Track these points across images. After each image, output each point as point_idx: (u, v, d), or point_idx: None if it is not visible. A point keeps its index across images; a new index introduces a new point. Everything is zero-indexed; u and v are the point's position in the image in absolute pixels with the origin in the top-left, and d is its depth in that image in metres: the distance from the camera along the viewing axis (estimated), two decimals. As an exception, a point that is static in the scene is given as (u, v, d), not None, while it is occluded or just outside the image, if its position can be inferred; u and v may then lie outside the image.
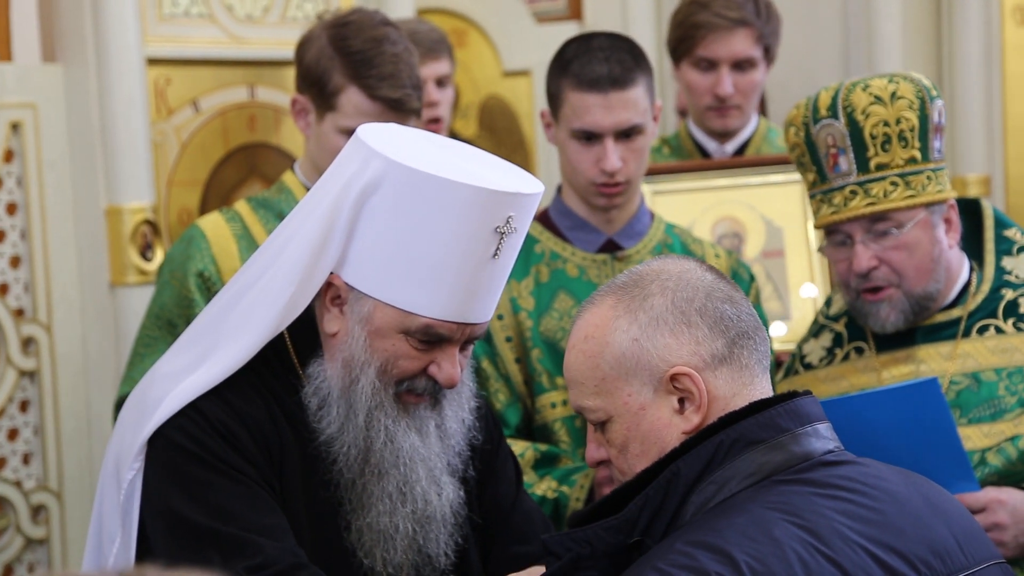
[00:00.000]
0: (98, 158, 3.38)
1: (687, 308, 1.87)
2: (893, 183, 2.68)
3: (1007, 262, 2.81)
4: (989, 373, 2.71)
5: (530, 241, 2.96)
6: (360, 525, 2.13)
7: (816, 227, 2.80)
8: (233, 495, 2.05)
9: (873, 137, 2.68)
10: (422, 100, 3.01)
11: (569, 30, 4.80)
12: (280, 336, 2.15)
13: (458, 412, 2.19)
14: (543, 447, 2.86)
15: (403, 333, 2.08)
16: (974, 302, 2.77)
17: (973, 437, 2.67)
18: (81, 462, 3.42)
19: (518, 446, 2.83)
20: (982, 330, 2.74)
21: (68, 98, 3.38)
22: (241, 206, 3.11)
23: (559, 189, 3.02)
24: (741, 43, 3.61)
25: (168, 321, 2.98)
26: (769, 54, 3.69)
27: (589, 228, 2.95)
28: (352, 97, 2.93)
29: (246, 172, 3.67)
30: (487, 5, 4.98)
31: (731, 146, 3.74)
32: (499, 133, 5.00)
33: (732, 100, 3.65)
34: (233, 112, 3.65)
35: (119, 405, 2.72)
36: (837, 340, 2.90)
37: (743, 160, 3.67)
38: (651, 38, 4.91)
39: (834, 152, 2.71)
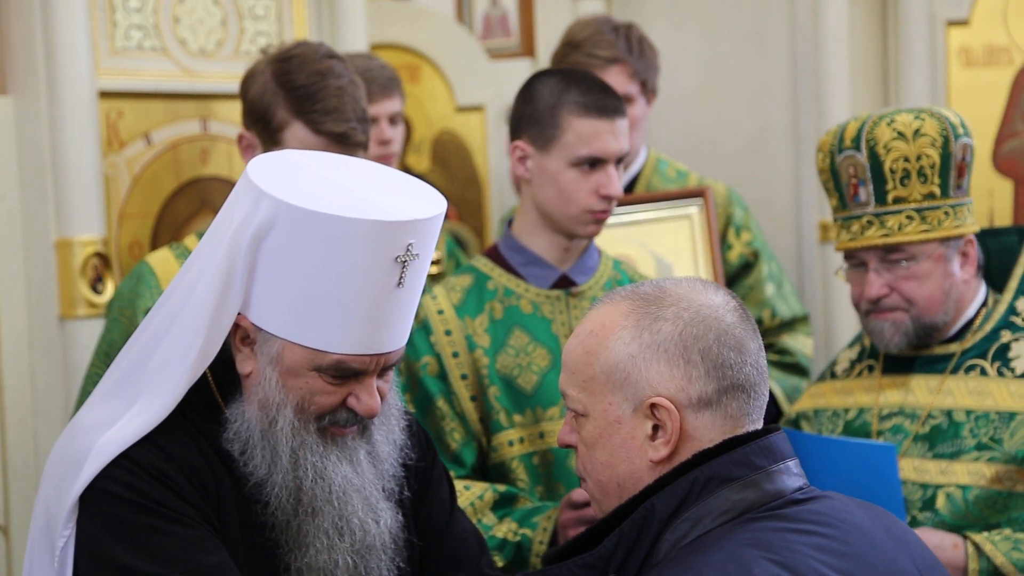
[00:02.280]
0: (49, 190, 3.35)
1: (692, 345, 1.86)
2: (909, 217, 2.74)
3: (1021, 303, 2.85)
4: (960, 413, 2.76)
5: (482, 278, 2.96)
6: (299, 566, 2.10)
7: (836, 250, 2.88)
8: (175, 538, 2.00)
9: (892, 172, 2.73)
10: (368, 133, 2.97)
11: (522, 67, 4.83)
12: (203, 376, 2.11)
13: (388, 435, 2.16)
14: (502, 488, 2.84)
15: (315, 370, 2.04)
16: (972, 339, 2.82)
17: (931, 471, 2.72)
18: (28, 497, 3.38)
19: (477, 488, 2.81)
20: (969, 369, 2.79)
21: (19, 130, 3.35)
22: (191, 241, 3.09)
23: (509, 224, 3.01)
24: (615, 80, 3.63)
25: None
26: (647, 88, 3.72)
27: (543, 264, 2.94)
28: (297, 132, 2.91)
29: (198, 205, 3.65)
30: (441, 41, 5.00)
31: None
32: (452, 168, 5.01)
33: None
34: (185, 145, 3.63)
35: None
36: (860, 354, 2.99)
37: (638, 197, 3.68)
38: (603, 75, 4.94)
39: (855, 182, 2.78)
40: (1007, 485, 2.66)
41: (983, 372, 2.78)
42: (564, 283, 2.96)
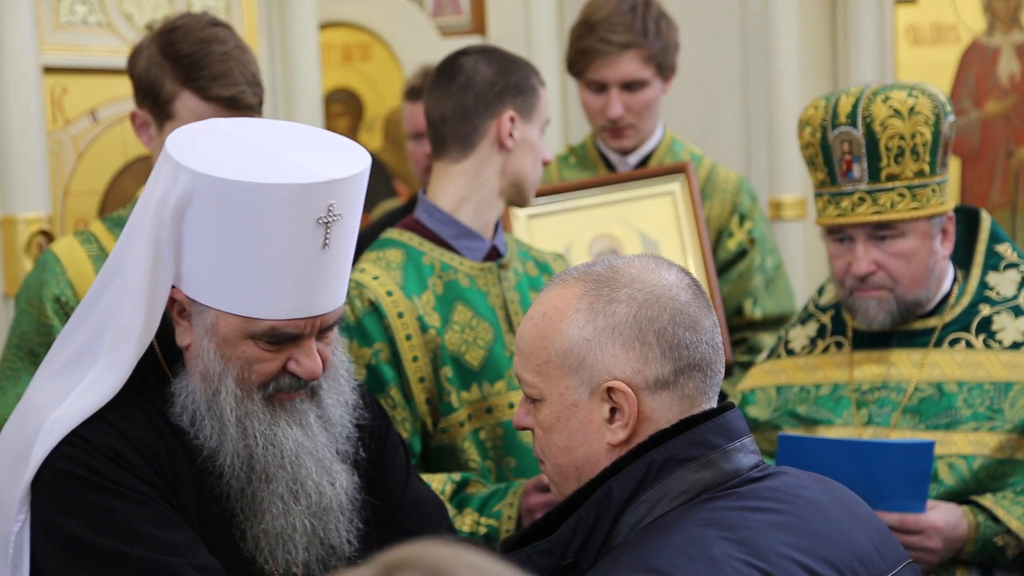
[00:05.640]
0: (-8, 167, 3.32)
1: (647, 327, 1.84)
2: (900, 194, 2.78)
3: (991, 277, 2.91)
4: (952, 385, 2.82)
5: (414, 253, 2.89)
6: (256, 532, 2.10)
7: (818, 223, 2.89)
8: (135, 515, 1.99)
9: (888, 149, 2.77)
10: (260, 96, 2.92)
11: (472, 43, 4.81)
12: (151, 348, 2.11)
13: (339, 396, 2.17)
14: (456, 477, 2.81)
15: (250, 338, 2.04)
16: (951, 314, 2.88)
17: None
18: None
19: (436, 482, 2.76)
20: (953, 342, 2.85)
21: (-38, 106, 3.32)
22: (96, 227, 3.05)
23: (425, 192, 2.95)
24: (629, 65, 3.63)
25: (29, 350, 2.90)
26: (663, 69, 3.68)
27: (475, 236, 2.91)
28: (187, 102, 2.87)
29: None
30: (391, 19, 4.98)
31: (634, 158, 3.76)
32: (404, 146, 5.00)
33: (624, 120, 3.67)
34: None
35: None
36: (821, 331, 3.02)
37: (619, 176, 3.68)
38: (553, 52, 4.95)
39: (848, 158, 2.80)
40: (1008, 453, 2.74)
41: (969, 345, 2.84)
42: (493, 255, 2.95)
